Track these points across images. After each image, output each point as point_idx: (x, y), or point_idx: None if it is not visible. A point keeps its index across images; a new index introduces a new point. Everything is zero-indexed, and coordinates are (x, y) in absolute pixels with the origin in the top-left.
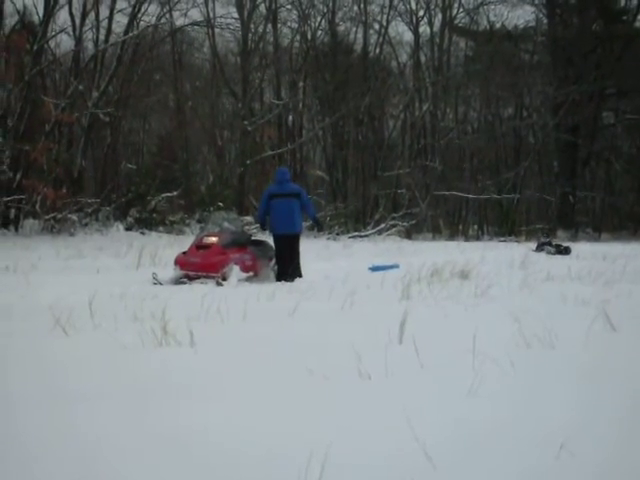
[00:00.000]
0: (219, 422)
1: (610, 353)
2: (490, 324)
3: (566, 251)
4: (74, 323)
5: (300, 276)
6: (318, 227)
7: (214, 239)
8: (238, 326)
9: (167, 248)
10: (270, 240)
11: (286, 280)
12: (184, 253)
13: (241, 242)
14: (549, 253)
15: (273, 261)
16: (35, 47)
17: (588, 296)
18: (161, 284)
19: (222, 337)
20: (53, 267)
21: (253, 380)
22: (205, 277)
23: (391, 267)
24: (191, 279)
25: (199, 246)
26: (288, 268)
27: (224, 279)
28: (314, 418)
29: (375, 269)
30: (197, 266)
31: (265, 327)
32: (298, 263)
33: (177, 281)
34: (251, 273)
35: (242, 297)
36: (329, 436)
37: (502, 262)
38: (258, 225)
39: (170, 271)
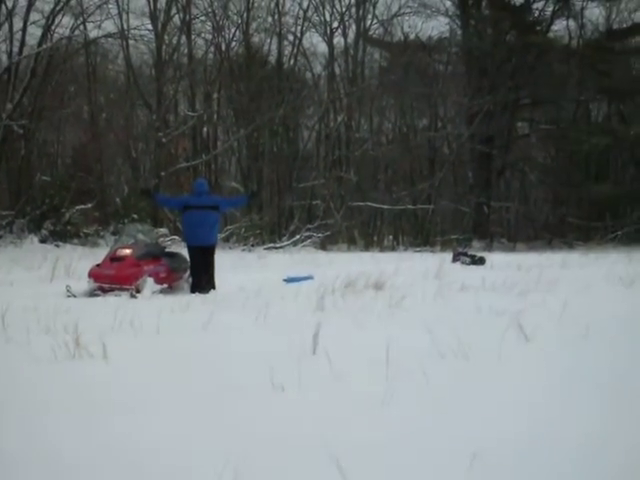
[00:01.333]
0: (133, 435)
1: (523, 364)
2: (404, 335)
3: (481, 261)
4: None
5: (214, 288)
6: (255, 198)
7: (128, 251)
8: (151, 338)
9: (82, 260)
10: (184, 251)
11: (200, 292)
12: (98, 265)
13: (155, 254)
14: (464, 263)
15: (187, 273)
16: None
17: (502, 306)
18: (75, 296)
19: (135, 350)
20: None
21: (166, 392)
22: (119, 289)
23: (305, 278)
24: (105, 291)
25: (113, 258)
26: (202, 280)
27: (138, 291)
28: (227, 430)
29: (290, 280)
30: (111, 278)
31: (179, 339)
32: (212, 275)
33: (91, 293)
34: (165, 285)
35: (156, 309)
36: (242, 448)
37: (417, 273)
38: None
39: (84, 284)
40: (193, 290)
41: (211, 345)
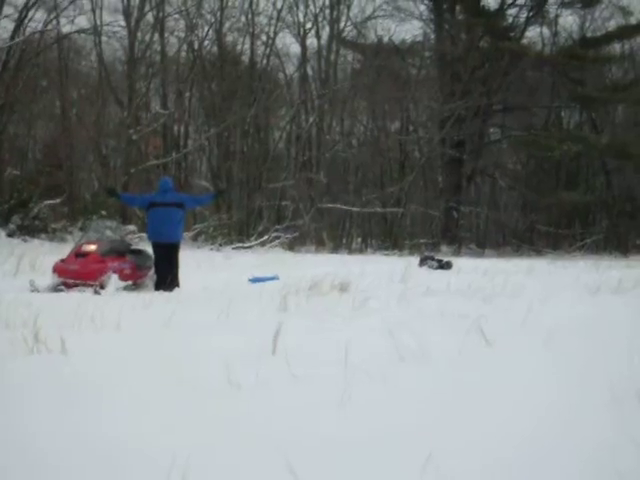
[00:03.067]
0: (88, 429)
1: (483, 368)
2: (365, 337)
3: (447, 266)
4: None
5: (178, 286)
6: (222, 196)
7: (93, 247)
8: (112, 335)
9: (48, 255)
10: (150, 248)
11: (164, 289)
12: (62, 261)
13: (120, 251)
14: (431, 267)
15: (152, 270)
16: None
17: (465, 311)
18: (38, 291)
19: (95, 346)
20: None
21: (121, 388)
22: (83, 285)
23: (271, 279)
24: (69, 287)
25: (78, 254)
26: (166, 277)
27: (102, 287)
28: (179, 426)
29: (255, 280)
30: (75, 274)
31: (139, 336)
32: (176, 273)
33: (55, 289)
34: (130, 282)
35: (118, 306)
36: (191, 445)
37: (383, 275)
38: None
39: (49, 279)
40: (157, 287)
41: (170, 342)
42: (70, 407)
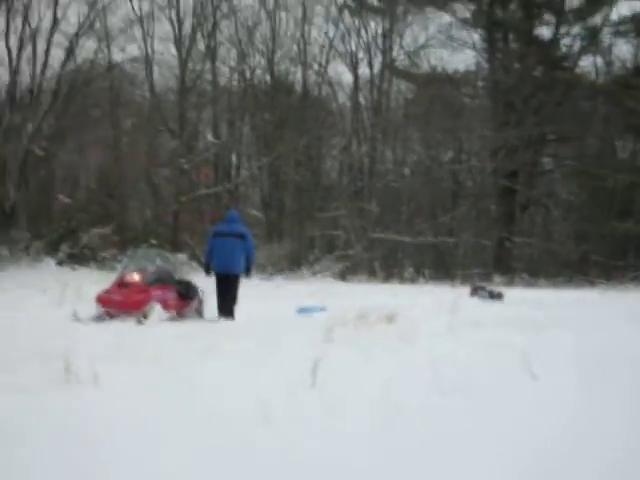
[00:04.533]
0: (116, 466)
1: (527, 402)
2: (408, 370)
3: (499, 296)
4: None
5: (233, 318)
6: (248, 274)
7: (137, 277)
8: (149, 367)
9: (95, 284)
10: (198, 279)
11: (226, 317)
12: (106, 291)
13: (165, 280)
14: (482, 298)
15: (196, 301)
16: None
17: (513, 343)
18: (81, 321)
19: (130, 378)
20: None
21: (156, 423)
22: (126, 315)
23: (318, 309)
24: (112, 317)
25: (121, 284)
26: (227, 306)
27: (145, 317)
28: (212, 463)
29: (302, 311)
30: (118, 304)
31: (177, 368)
32: (234, 305)
33: (98, 319)
34: (174, 312)
35: (160, 336)
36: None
37: (432, 306)
38: (203, 267)
39: (94, 308)
40: (220, 315)
41: (209, 375)
42: (98, 443)
